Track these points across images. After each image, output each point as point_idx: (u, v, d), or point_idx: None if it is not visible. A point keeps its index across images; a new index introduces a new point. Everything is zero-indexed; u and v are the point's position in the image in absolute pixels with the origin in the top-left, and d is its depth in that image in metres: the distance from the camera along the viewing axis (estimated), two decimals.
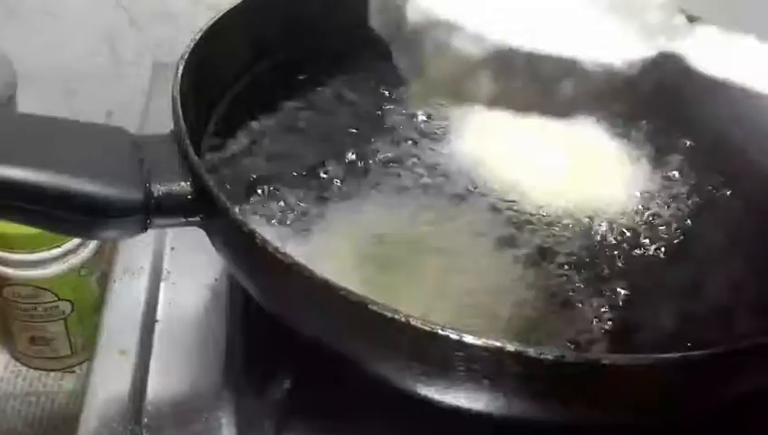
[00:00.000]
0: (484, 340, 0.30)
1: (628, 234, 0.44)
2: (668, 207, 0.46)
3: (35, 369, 0.66)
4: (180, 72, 0.42)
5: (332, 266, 0.37)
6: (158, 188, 0.36)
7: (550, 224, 0.43)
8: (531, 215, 0.44)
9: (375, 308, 0.31)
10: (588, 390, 0.31)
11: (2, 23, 0.68)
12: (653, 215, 0.45)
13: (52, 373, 0.66)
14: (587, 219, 0.44)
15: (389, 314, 0.31)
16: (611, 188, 0.47)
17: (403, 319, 0.31)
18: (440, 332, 0.31)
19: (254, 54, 0.51)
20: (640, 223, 0.44)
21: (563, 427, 0.35)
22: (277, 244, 0.33)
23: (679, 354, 0.30)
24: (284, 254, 0.33)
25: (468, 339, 0.30)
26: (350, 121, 0.49)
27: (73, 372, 0.67)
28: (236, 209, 0.36)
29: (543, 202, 0.45)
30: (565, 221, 0.44)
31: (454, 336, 0.30)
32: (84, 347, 0.66)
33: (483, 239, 0.43)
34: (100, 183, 0.34)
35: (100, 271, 0.63)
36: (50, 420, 0.64)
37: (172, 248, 0.50)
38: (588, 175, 0.48)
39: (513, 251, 0.42)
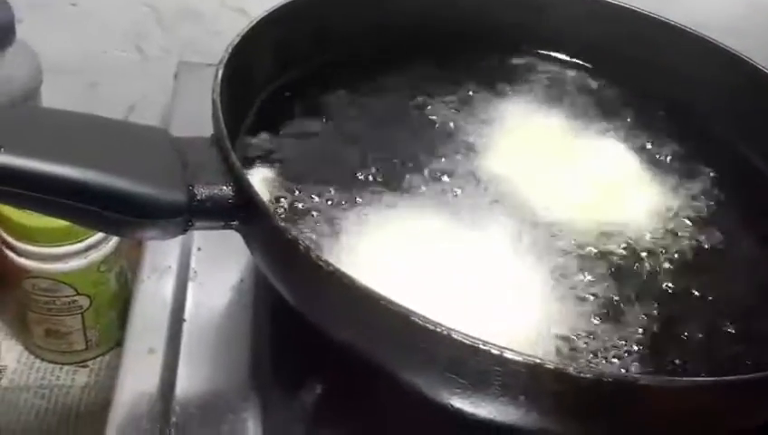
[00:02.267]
0: (525, 356, 0.31)
1: (652, 254, 0.44)
2: (689, 222, 0.47)
3: (49, 362, 0.67)
4: (220, 76, 0.42)
5: (366, 275, 0.37)
6: (202, 191, 0.37)
7: (572, 243, 0.44)
8: (555, 234, 0.44)
9: (417, 320, 0.32)
10: (623, 410, 0.32)
11: (27, 14, 0.68)
12: (675, 231, 0.46)
13: (66, 367, 0.66)
14: (611, 240, 0.45)
15: (432, 327, 0.31)
16: (636, 208, 0.47)
17: (445, 332, 0.31)
18: (481, 346, 0.31)
19: (286, 61, 0.52)
20: (665, 243, 0.45)
21: None
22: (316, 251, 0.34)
23: (716, 378, 0.31)
24: (326, 261, 0.33)
25: (509, 355, 0.31)
26: (378, 131, 0.50)
27: (87, 366, 0.67)
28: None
29: (567, 222, 0.45)
30: (589, 241, 0.44)
31: (495, 351, 0.31)
32: (99, 342, 0.66)
33: (507, 253, 0.43)
34: (147, 184, 0.35)
35: (119, 267, 0.64)
36: (62, 413, 0.64)
37: (199, 249, 0.51)
38: (612, 195, 0.48)
39: (538, 268, 0.42)
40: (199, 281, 0.49)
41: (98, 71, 0.72)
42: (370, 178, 0.46)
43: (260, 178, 0.44)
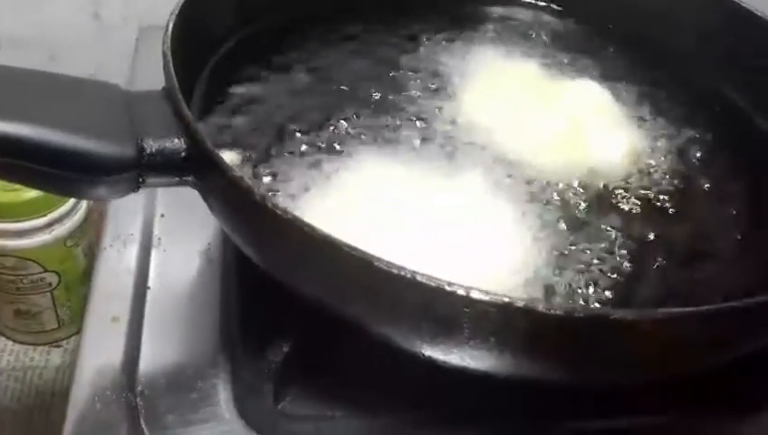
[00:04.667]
0: (492, 296, 0.30)
1: (627, 192, 0.43)
2: (667, 162, 0.46)
3: (21, 343, 0.65)
4: (171, 27, 0.40)
5: (332, 224, 0.36)
6: (151, 145, 0.35)
7: (549, 183, 0.43)
8: (530, 176, 0.43)
9: (380, 265, 0.30)
10: (595, 346, 0.31)
11: None
12: (652, 171, 0.45)
13: (39, 348, 0.65)
14: (587, 178, 0.44)
15: (395, 271, 0.30)
16: (611, 148, 0.46)
17: (409, 275, 0.30)
18: (447, 288, 0.30)
19: (242, 16, 0.50)
20: (640, 181, 0.44)
21: (567, 388, 0.35)
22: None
23: (687, 309, 0.30)
24: (284, 210, 0.32)
25: (476, 295, 0.30)
26: (339, 82, 0.49)
27: (60, 346, 0.65)
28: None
29: (542, 163, 0.44)
30: (564, 182, 0.43)
31: (461, 292, 0.30)
32: (72, 321, 0.64)
33: (482, 198, 0.42)
34: (92, 139, 0.33)
35: (87, 242, 0.62)
36: (37, 394, 0.63)
37: (162, 215, 0.49)
38: (587, 135, 0.47)
39: (513, 210, 0.41)
40: (163, 248, 0.47)
41: (56, 42, 0.70)
42: (337, 128, 0.45)
43: (216, 130, 0.42)
